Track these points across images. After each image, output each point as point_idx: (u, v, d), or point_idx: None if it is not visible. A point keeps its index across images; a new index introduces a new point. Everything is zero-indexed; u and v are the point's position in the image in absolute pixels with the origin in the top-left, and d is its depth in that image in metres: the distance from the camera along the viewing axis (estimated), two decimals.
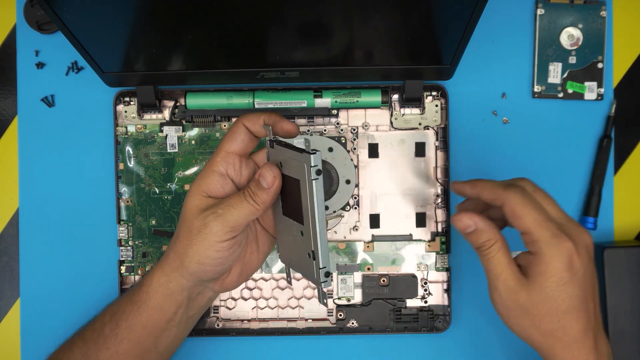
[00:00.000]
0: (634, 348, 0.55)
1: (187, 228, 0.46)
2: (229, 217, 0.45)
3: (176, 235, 0.48)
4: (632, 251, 0.55)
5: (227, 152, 0.47)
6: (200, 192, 0.47)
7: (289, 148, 0.44)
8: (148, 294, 0.48)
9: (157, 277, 0.48)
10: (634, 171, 0.59)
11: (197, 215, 0.46)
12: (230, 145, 0.47)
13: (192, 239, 0.46)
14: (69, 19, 0.46)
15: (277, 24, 0.48)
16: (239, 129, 0.48)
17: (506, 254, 0.45)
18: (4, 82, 0.59)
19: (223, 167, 0.47)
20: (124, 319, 0.49)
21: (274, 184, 0.45)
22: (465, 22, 0.47)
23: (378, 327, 0.57)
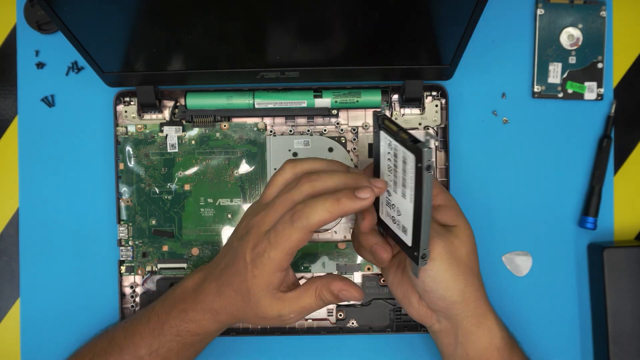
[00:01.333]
0: (634, 348, 0.55)
1: (259, 317, 0.46)
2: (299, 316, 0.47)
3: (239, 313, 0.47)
4: (632, 251, 0.55)
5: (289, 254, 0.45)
6: (270, 292, 0.45)
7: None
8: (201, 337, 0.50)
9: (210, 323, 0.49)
10: (634, 171, 0.59)
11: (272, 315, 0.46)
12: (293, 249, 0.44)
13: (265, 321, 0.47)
14: (69, 19, 0.46)
15: (277, 23, 0.48)
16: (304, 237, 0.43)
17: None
18: (4, 82, 0.59)
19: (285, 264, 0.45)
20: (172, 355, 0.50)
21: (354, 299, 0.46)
22: (465, 22, 0.47)
23: (378, 327, 0.57)
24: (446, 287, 0.46)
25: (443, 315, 0.48)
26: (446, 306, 0.47)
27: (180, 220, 0.58)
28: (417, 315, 0.50)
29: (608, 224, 0.59)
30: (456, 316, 0.47)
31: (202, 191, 0.58)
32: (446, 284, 0.46)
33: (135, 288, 0.58)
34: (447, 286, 0.46)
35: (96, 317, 0.58)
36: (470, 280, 0.47)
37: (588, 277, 0.58)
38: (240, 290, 0.46)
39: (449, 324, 0.49)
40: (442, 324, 0.49)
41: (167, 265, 0.57)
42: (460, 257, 0.46)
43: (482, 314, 0.48)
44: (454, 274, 0.46)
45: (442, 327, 0.49)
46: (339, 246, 0.57)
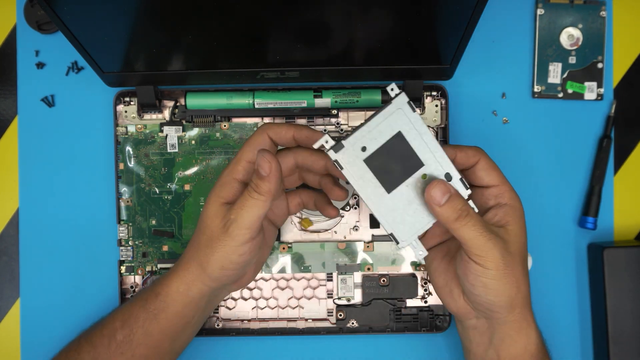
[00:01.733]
0: (634, 348, 0.55)
1: (208, 236, 0.46)
2: (242, 220, 0.45)
3: (196, 244, 0.48)
4: (632, 251, 0.55)
5: (249, 162, 0.47)
6: (219, 200, 0.47)
7: (368, 120, 0.44)
8: (166, 303, 0.49)
9: (176, 286, 0.48)
10: (634, 171, 0.59)
11: (217, 223, 0.46)
12: (252, 155, 0.47)
13: (214, 246, 0.46)
14: (69, 19, 0.46)
15: (277, 24, 0.48)
16: (263, 140, 0.47)
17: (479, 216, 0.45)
18: (4, 82, 0.59)
19: (243, 175, 0.47)
20: (139, 325, 0.49)
21: (271, 169, 0.44)
22: (465, 22, 0.47)
23: (378, 327, 0.57)
24: (497, 294, 0.45)
25: (483, 315, 0.47)
26: (491, 309, 0.46)
27: (180, 220, 0.58)
28: (455, 308, 0.48)
29: (608, 224, 0.59)
30: (498, 320, 0.46)
31: (202, 191, 0.58)
32: (497, 291, 0.45)
33: (135, 288, 0.58)
34: (498, 293, 0.45)
35: (96, 317, 0.57)
36: (522, 287, 0.46)
37: (588, 277, 0.58)
38: (200, 217, 0.48)
39: (486, 324, 0.48)
40: (480, 322, 0.48)
41: (167, 265, 0.57)
42: (514, 265, 0.45)
43: (524, 319, 0.47)
44: (507, 282, 0.44)
45: (479, 325, 0.48)
46: (339, 246, 0.58)
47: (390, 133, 0.44)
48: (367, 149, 0.44)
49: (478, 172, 0.47)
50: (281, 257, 0.57)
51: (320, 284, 0.58)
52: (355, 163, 0.44)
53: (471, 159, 0.47)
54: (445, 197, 0.44)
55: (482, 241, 0.43)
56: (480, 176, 0.47)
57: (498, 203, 0.47)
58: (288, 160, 0.50)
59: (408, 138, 0.44)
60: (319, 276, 0.58)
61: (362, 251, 0.58)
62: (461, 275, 0.46)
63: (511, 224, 0.46)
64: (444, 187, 0.44)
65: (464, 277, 0.45)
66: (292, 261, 0.57)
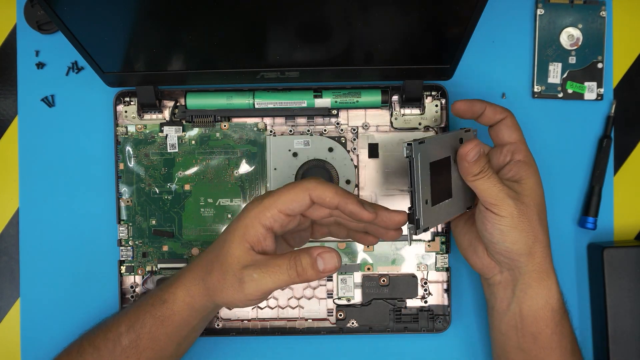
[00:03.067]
0: (634, 348, 0.55)
1: (223, 273, 0.45)
2: (264, 285, 0.44)
3: (210, 268, 0.46)
4: (632, 251, 0.55)
5: (280, 213, 0.44)
6: (245, 244, 0.45)
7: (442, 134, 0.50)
8: (173, 310, 0.49)
9: (183, 297, 0.48)
10: (634, 171, 0.59)
11: (237, 269, 0.44)
12: (285, 208, 0.44)
13: (225, 287, 0.45)
14: (69, 19, 0.46)
15: (277, 24, 0.48)
16: (303, 199, 0.44)
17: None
18: (4, 82, 0.59)
19: (271, 224, 0.45)
20: (146, 331, 0.49)
21: (332, 271, 0.44)
22: (465, 22, 0.47)
23: (378, 327, 0.57)
24: (513, 240, 0.48)
25: (506, 267, 0.50)
26: (511, 257, 0.49)
27: (180, 220, 0.58)
28: (480, 264, 0.51)
29: (608, 224, 0.59)
30: (519, 268, 0.49)
31: (202, 191, 0.58)
32: (514, 238, 0.48)
33: (135, 288, 0.58)
34: (515, 240, 0.48)
35: (96, 317, 0.57)
36: (540, 237, 0.48)
37: (588, 277, 0.58)
38: (217, 242, 0.47)
39: (509, 276, 0.50)
40: (504, 275, 0.50)
41: (167, 265, 0.57)
42: (530, 214, 0.48)
43: (544, 270, 0.49)
44: (523, 230, 0.48)
45: (503, 278, 0.50)
46: (339, 246, 0.57)
47: (447, 153, 0.49)
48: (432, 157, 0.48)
49: (502, 128, 0.51)
50: None
51: (320, 284, 0.58)
52: (424, 164, 0.47)
53: (498, 115, 0.51)
54: (477, 156, 0.48)
55: (496, 191, 0.47)
56: (503, 133, 0.51)
57: (513, 159, 0.51)
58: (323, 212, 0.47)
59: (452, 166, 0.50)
60: None
61: (362, 251, 0.58)
62: (481, 228, 0.49)
63: (525, 179, 0.49)
64: (478, 147, 0.48)
65: (483, 228, 0.49)
66: None
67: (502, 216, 0.47)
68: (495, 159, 0.52)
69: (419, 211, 0.46)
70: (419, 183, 0.46)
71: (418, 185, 0.46)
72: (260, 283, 0.44)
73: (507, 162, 0.51)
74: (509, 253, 0.48)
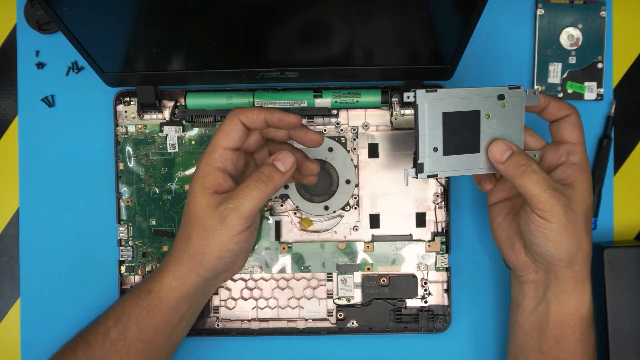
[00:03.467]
0: (634, 348, 0.55)
1: (201, 227, 0.46)
2: (243, 209, 0.45)
3: (186, 237, 0.48)
4: (632, 251, 0.55)
5: (225, 149, 0.47)
6: (207, 191, 0.47)
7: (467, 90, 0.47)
8: (160, 299, 0.49)
9: (169, 282, 0.48)
10: (634, 171, 0.59)
11: (210, 214, 0.46)
12: (227, 142, 0.47)
13: (209, 237, 0.46)
14: (69, 19, 0.46)
15: (277, 23, 0.48)
16: (236, 126, 0.47)
17: (544, 171, 0.47)
18: (4, 82, 0.59)
19: (222, 163, 0.47)
20: (132, 322, 0.49)
21: (292, 167, 0.47)
22: (465, 22, 0.47)
23: (378, 327, 0.57)
24: (557, 246, 0.46)
25: (542, 268, 0.49)
26: (551, 262, 0.47)
27: (180, 221, 0.58)
28: (515, 260, 0.50)
29: (608, 224, 0.59)
30: (556, 272, 0.48)
31: None
32: (558, 244, 0.46)
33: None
34: (559, 246, 0.46)
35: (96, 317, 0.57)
36: (584, 245, 0.47)
37: None
38: (185, 211, 0.48)
39: (544, 277, 0.49)
40: (538, 275, 0.49)
41: None
42: (577, 222, 0.46)
43: (581, 278, 0.48)
44: (569, 237, 0.46)
45: (537, 278, 0.49)
46: (339, 246, 0.58)
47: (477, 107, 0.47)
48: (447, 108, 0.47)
49: (564, 126, 0.48)
50: (281, 257, 0.57)
51: (320, 284, 0.58)
52: (434, 112, 0.47)
53: (563, 112, 0.48)
54: (507, 154, 0.46)
55: (546, 197, 0.45)
56: (564, 131, 0.48)
57: (568, 160, 0.48)
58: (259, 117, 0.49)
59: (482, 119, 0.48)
60: (319, 276, 0.58)
61: (362, 251, 0.58)
62: (524, 227, 0.48)
63: (577, 183, 0.47)
64: (504, 145, 0.47)
65: (526, 228, 0.47)
66: (292, 261, 0.57)
67: (550, 222, 0.46)
68: (550, 157, 0.49)
69: (422, 155, 0.46)
70: (424, 127, 0.46)
71: (424, 130, 0.46)
72: (239, 209, 0.45)
73: (562, 163, 0.48)
74: (550, 257, 0.47)
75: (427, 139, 0.46)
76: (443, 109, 0.46)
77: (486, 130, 0.48)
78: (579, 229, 0.46)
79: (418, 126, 0.46)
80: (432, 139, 0.47)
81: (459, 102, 0.47)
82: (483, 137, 0.48)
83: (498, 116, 0.48)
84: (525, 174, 0.46)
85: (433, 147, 0.47)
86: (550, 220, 0.46)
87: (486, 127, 0.48)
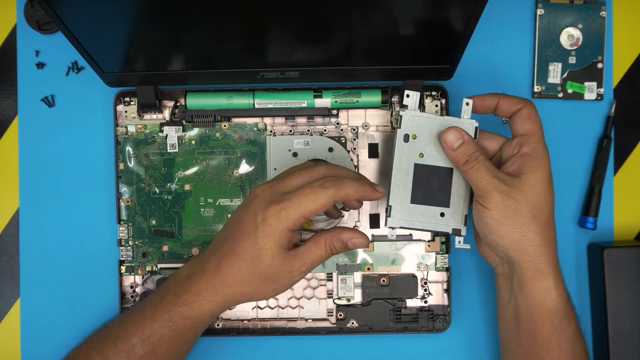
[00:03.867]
0: (634, 348, 0.55)
1: (270, 280, 0.47)
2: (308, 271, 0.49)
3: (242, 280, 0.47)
4: (632, 251, 0.55)
5: (304, 217, 0.46)
6: (282, 251, 0.47)
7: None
8: (198, 323, 0.50)
9: (211, 310, 0.49)
10: (634, 171, 0.59)
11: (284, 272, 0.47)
12: (311, 214, 0.46)
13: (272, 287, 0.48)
14: (69, 19, 0.46)
15: (277, 24, 0.48)
16: (327, 205, 0.46)
17: (491, 163, 0.48)
18: (4, 82, 0.59)
19: (297, 226, 0.47)
20: (165, 342, 0.49)
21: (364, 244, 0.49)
22: (465, 22, 0.47)
23: (378, 327, 0.57)
24: (498, 234, 0.48)
25: (505, 260, 0.50)
26: (501, 251, 0.49)
27: (180, 220, 0.58)
28: (482, 253, 0.53)
29: (608, 224, 0.59)
30: (513, 264, 0.49)
31: (202, 191, 0.58)
32: (499, 233, 0.47)
33: (135, 288, 0.58)
34: (500, 234, 0.48)
35: (96, 317, 0.57)
36: (530, 234, 0.47)
37: (588, 277, 0.58)
38: (248, 254, 0.47)
39: (508, 270, 0.50)
40: (504, 267, 0.51)
41: (167, 265, 0.57)
42: (519, 211, 0.47)
43: (539, 270, 0.48)
44: (509, 225, 0.47)
45: (504, 271, 0.51)
46: None
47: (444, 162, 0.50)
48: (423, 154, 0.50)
49: (515, 120, 0.50)
50: None
51: (320, 284, 0.58)
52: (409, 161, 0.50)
53: (513, 107, 0.50)
54: (459, 142, 0.48)
55: (484, 183, 0.47)
56: (516, 124, 0.50)
57: (520, 151, 0.49)
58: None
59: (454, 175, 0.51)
60: (319, 276, 0.58)
61: (362, 251, 0.58)
62: (474, 218, 0.49)
63: (526, 173, 0.48)
64: (457, 133, 0.48)
65: (475, 218, 0.49)
66: None
67: (488, 209, 0.47)
68: (505, 151, 0.50)
69: (393, 201, 0.49)
70: (399, 176, 0.50)
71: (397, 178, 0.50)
72: (306, 272, 0.48)
73: (514, 154, 0.49)
74: (497, 246, 0.48)
75: (400, 186, 0.50)
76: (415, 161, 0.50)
77: (458, 188, 0.51)
78: (522, 217, 0.47)
79: (391, 170, 0.50)
80: (404, 187, 0.50)
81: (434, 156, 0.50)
82: (454, 192, 0.51)
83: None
84: (469, 162, 0.48)
85: (405, 195, 0.50)
86: (489, 208, 0.47)
87: (459, 186, 0.51)
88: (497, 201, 0.47)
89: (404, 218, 0.50)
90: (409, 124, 0.50)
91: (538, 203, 0.48)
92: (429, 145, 0.50)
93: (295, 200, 0.46)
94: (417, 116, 0.50)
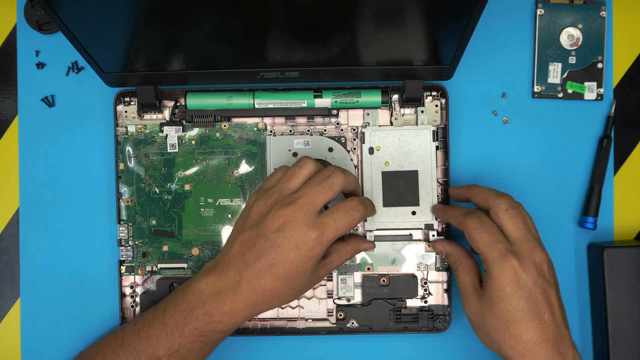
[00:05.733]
0: (634, 348, 0.55)
1: (301, 287, 0.50)
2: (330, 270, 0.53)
3: (274, 294, 0.49)
4: (632, 251, 0.55)
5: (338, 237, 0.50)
6: (317, 265, 0.50)
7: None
8: (226, 333, 0.50)
9: (239, 322, 0.49)
10: (634, 171, 0.59)
11: (315, 279, 0.51)
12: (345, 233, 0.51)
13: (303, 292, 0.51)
14: (69, 19, 0.46)
15: (277, 23, 0.48)
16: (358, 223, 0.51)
17: (470, 272, 0.51)
18: (4, 82, 0.59)
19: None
20: (193, 354, 0.49)
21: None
22: (465, 22, 0.47)
23: (378, 327, 0.57)
24: (483, 340, 0.50)
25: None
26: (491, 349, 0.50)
27: (180, 220, 0.58)
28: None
29: (608, 224, 0.59)
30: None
31: (202, 191, 0.58)
32: (482, 338, 0.50)
33: (135, 288, 0.58)
34: (484, 341, 0.50)
35: (96, 317, 0.58)
36: (509, 341, 0.47)
37: (588, 277, 0.58)
38: (289, 277, 0.48)
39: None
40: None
41: (167, 265, 0.57)
42: (490, 323, 0.48)
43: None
44: (488, 337, 0.49)
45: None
46: None
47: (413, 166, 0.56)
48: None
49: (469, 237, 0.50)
50: None
51: (320, 284, 0.58)
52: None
53: (483, 206, 0.51)
54: (443, 254, 0.55)
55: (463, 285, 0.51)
56: (471, 242, 0.50)
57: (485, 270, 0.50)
58: None
59: (420, 177, 0.56)
60: None
61: (362, 251, 0.57)
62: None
63: (486, 289, 0.49)
64: (440, 247, 0.55)
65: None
66: None
67: (468, 309, 0.50)
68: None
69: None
70: (369, 185, 0.56)
71: (367, 186, 0.56)
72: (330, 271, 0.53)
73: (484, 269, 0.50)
74: (484, 344, 0.50)
75: (371, 193, 0.56)
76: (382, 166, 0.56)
77: (423, 186, 0.56)
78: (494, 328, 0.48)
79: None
80: (375, 193, 0.56)
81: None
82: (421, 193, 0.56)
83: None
84: (455, 268, 0.52)
85: (376, 200, 0.56)
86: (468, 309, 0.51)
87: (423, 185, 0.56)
88: (474, 307, 0.50)
89: (379, 220, 0.56)
90: (371, 137, 0.56)
91: (514, 304, 0.47)
92: (392, 154, 0.56)
93: (332, 225, 0.49)
94: (378, 130, 0.56)
